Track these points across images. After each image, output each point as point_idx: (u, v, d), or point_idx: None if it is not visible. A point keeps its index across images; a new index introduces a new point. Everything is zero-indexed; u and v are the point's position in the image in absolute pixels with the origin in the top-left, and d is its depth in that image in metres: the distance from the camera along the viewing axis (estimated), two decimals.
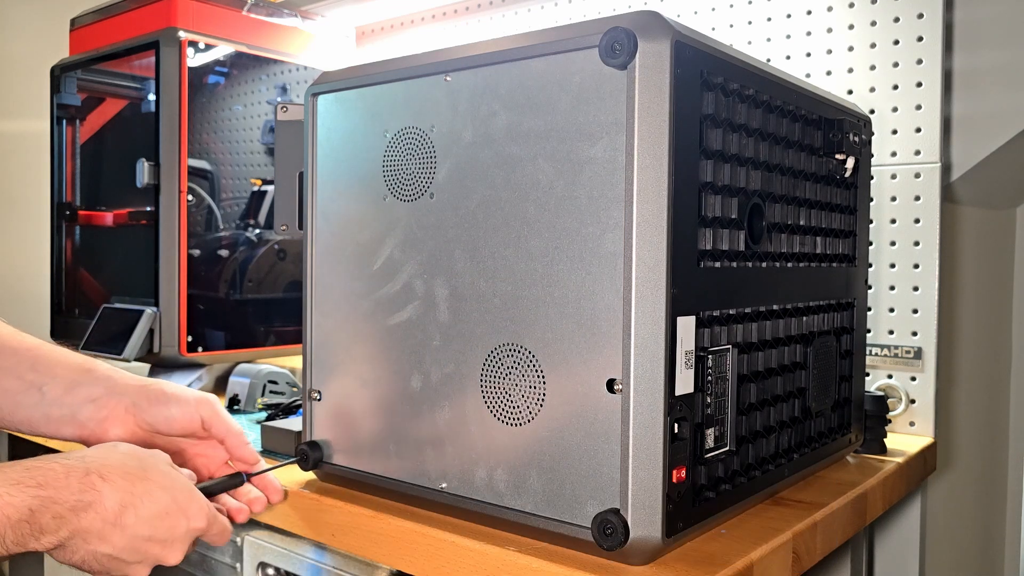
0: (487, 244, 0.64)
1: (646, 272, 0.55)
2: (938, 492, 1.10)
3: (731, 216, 0.63)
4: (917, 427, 0.98)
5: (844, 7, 1.02)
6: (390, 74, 0.70)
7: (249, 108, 1.28)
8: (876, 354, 1.00)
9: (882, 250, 1.00)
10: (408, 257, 0.69)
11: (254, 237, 1.27)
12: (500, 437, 0.63)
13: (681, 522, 0.58)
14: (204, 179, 1.22)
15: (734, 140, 0.62)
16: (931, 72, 0.96)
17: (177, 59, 1.17)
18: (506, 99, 0.62)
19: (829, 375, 0.79)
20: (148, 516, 0.58)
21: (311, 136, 0.76)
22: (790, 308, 0.72)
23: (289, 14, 1.33)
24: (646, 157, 0.55)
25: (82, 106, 1.37)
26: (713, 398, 0.61)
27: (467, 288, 0.65)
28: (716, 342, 0.61)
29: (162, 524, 0.58)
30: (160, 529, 0.58)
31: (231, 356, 1.24)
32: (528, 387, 0.61)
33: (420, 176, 0.68)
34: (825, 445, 0.79)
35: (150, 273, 1.18)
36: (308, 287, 0.77)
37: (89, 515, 0.55)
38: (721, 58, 0.61)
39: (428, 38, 1.46)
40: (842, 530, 0.73)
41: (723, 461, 0.63)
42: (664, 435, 0.56)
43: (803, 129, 0.73)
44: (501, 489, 0.63)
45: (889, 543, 1.06)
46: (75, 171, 1.37)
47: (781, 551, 0.63)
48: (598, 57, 0.56)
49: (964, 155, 1.02)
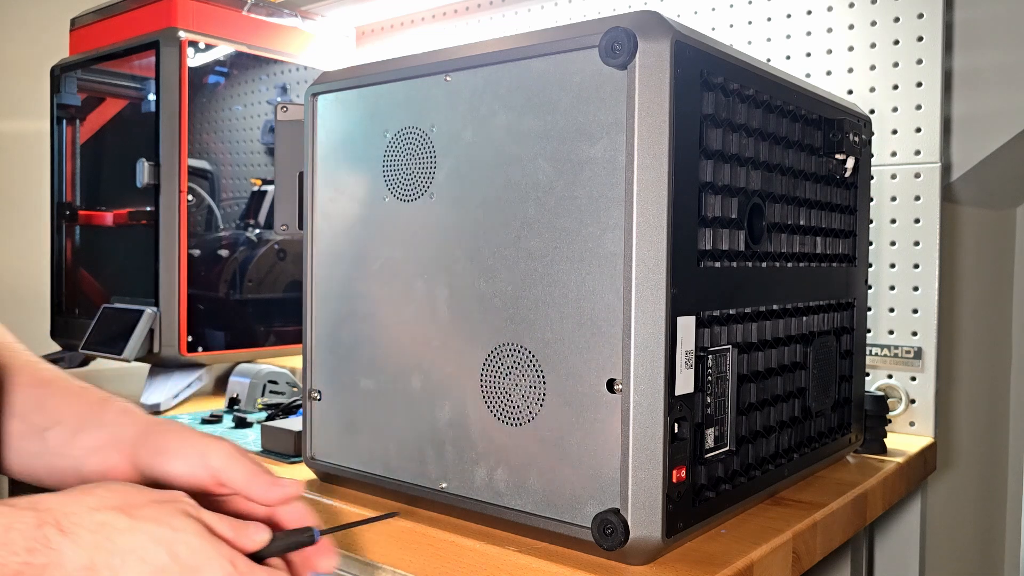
0: (487, 244, 0.64)
1: (646, 272, 0.55)
2: (938, 492, 1.10)
3: (731, 216, 0.63)
4: (917, 427, 0.98)
5: (844, 7, 1.02)
6: (390, 74, 0.70)
7: (249, 108, 1.28)
8: (876, 354, 1.00)
9: (882, 250, 1.00)
10: (408, 257, 0.69)
11: (254, 237, 1.27)
12: (500, 437, 0.63)
13: (681, 522, 0.58)
14: (204, 179, 1.22)
15: (734, 140, 0.62)
16: (931, 72, 0.96)
17: (177, 59, 1.17)
18: (506, 99, 0.62)
19: (829, 375, 0.79)
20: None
21: (311, 136, 0.76)
22: (790, 308, 0.72)
23: (289, 14, 1.33)
24: (646, 157, 0.55)
25: (82, 106, 1.37)
26: (713, 398, 0.61)
27: (467, 288, 0.65)
28: (716, 342, 0.61)
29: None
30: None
31: (231, 356, 1.24)
32: (528, 387, 0.61)
33: (420, 176, 0.68)
34: (825, 445, 0.79)
35: (150, 273, 1.18)
36: (308, 287, 0.77)
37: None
38: (721, 58, 0.61)
39: (428, 38, 1.46)
40: (842, 530, 0.73)
41: (723, 461, 0.63)
42: (664, 435, 0.56)
43: (803, 129, 0.73)
44: (501, 489, 0.63)
45: (889, 543, 1.06)
46: (75, 171, 1.37)
47: (781, 551, 0.63)
48: (598, 57, 0.56)
49: (964, 155, 1.02)
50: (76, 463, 0.58)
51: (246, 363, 1.17)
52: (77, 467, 0.58)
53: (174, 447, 0.55)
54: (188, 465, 0.54)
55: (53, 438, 0.59)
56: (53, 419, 0.60)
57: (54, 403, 0.61)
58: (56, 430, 0.59)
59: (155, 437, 0.56)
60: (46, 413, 0.60)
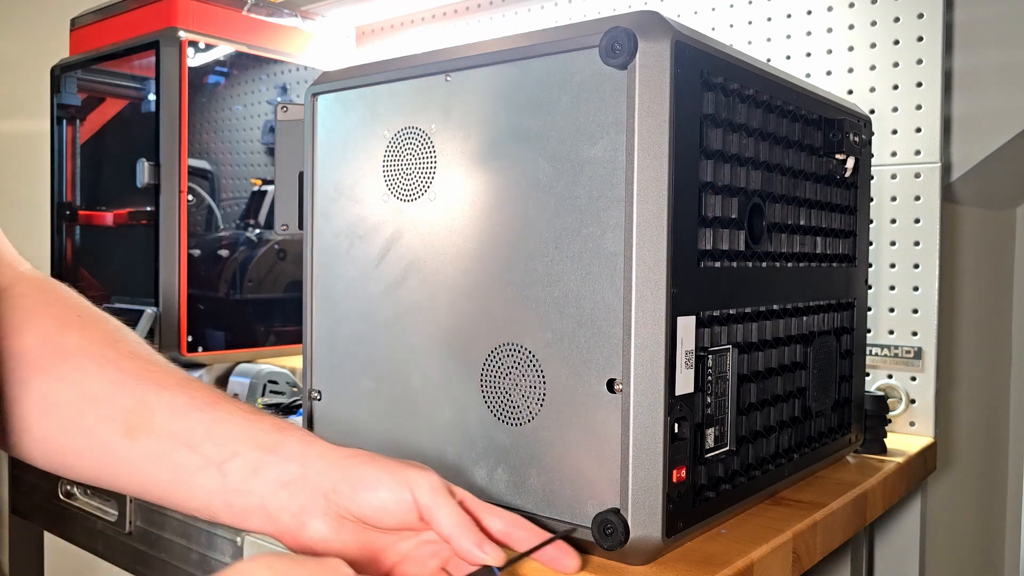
0: (487, 244, 0.64)
1: (646, 272, 0.55)
2: (938, 492, 1.10)
3: (731, 216, 0.63)
4: (917, 427, 0.98)
5: (844, 7, 1.02)
6: (390, 74, 0.70)
7: (249, 108, 1.28)
8: (876, 354, 1.00)
9: (882, 250, 1.00)
10: (408, 257, 0.69)
11: (254, 237, 1.27)
12: (500, 437, 0.63)
13: (681, 522, 0.58)
14: (204, 179, 1.22)
15: (734, 140, 0.62)
16: (931, 72, 0.96)
17: (177, 59, 1.17)
18: (506, 99, 0.62)
19: (829, 375, 0.79)
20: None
21: (311, 136, 0.76)
22: (790, 308, 0.72)
23: (289, 14, 1.33)
24: (646, 157, 0.55)
25: (82, 106, 1.37)
26: (713, 398, 0.61)
27: (467, 288, 0.65)
28: (716, 342, 0.61)
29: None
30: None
31: (231, 356, 1.24)
32: (528, 387, 0.61)
33: (420, 176, 0.68)
34: (825, 445, 0.79)
35: (150, 273, 1.18)
36: (308, 287, 0.77)
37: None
38: (721, 58, 0.61)
39: (428, 38, 1.46)
40: (842, 530, 0.73)
41: (723, 461, 0.63)
42: (664, 435, 0.56)
43: (803, 129, 0.73)
44: (501, 489, 0.63)
45: (889, 543, 1.06)
46: (75, 171, 1.37)
47: (781, 551, 0.63)
48: (598, 57, 0.56)
49: (964, 155, 1.02)
50: (261, 500, 0.52)
51: (246, 363, 1.17)
52: (262, 504, 0.52)
53: (377, 477, 0.51)
54: (394, 497, 0.51)
55: (233, 472, 0.53)
56: (228, 450, 0.53)
57: (226, 431, 0.54)
58: (234, 462, 0.53)
59: (355, 467, 0.52)
60: (218, 442, 0.53)
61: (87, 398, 0.55)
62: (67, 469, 0.56)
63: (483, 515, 0.53)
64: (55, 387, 0.55)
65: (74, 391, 0.55)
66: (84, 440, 0.55)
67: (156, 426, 0.54)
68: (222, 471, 0.52)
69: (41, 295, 0.59)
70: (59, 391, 0.55)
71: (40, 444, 0.56)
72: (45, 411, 0.55)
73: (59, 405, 0.55)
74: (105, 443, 0.54)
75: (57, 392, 0.55)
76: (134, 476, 0.55)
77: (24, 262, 0.62)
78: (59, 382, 0.55)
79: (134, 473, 0.54)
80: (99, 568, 1.29)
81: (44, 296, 0.59)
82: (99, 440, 0.54)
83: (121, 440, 0.54)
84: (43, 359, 0.56)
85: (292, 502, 0.52)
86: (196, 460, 0.53)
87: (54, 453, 0.56)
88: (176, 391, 0.55)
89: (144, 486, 0.55)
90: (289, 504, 0.52)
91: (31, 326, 0.56)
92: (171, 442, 0.53)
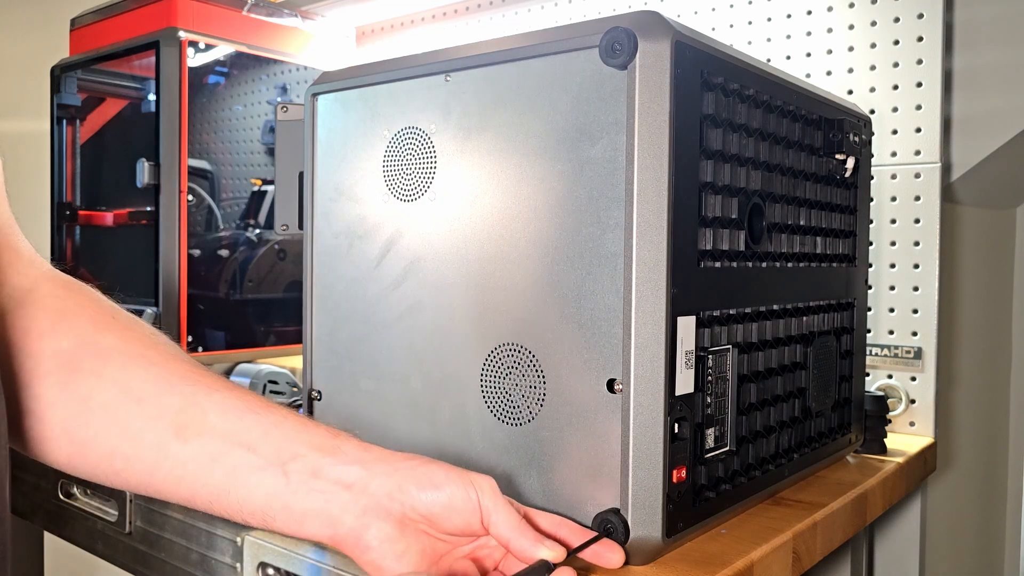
0: (487, 244, 0.64)
1: (646, 272, 0.55)
2: (938, 492, 1.10)
3: (731, 216, 0.63)
4: (917, 427, 0.98)
5: (844, 7, 1.02)
6: (390, 74, 0.70)
7: (249, 108, 1.28)
8: (876, 354, 1.00)
9: (882, 250, 1.00)
10: (408, 257, 0.69)
11: (254, 237, 1.27)
12: (500, 437, 0.63)
13: (681, 522, 0.58)
14: (204, 179, 1.22)
15: (734, 140, 0.62)
16: (931, 72, 0.96)
17: (177, 59, 1.17)
18: (506, 99, 0.62)
19: (829, 375, 0.79)
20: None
21: (311, 136, 0.76)
22: (790, 308, 0.72)
23: (289, 14, 1.33)
24: (646, 157, 0.55)
25: (82, 106, 1.37)
26: (713, 398, 0.61)
27: (467, 288, 0.65)
28: (716, 342, 0.61)
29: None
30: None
31: (231, 356, 1.24)
32: (528, 387, 0.61)
33: (420, 176, 0.68)
34: (825, 445, 0.79)
35: (150, 273, 1.18)
36: (308, 287, 0.77)
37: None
38: (721, 58, 0.61)
39: (428, 38, 1.46)
40: (842, 530, 0.73)
41: (723, 461, 0.63)
42: (664, 435, 0.56)
43: (803, 129, 0.73)
44: (501, 489, 0.63)
45: (889, 543, 1.06)
46: (75, 171, 1.37)
47: (781, 551, 0.63)
48: (598, 57, 0.56)
49: (964, 155, 1.02)
50: (323, 502, 0.51)
51: (246, 363, 1.17)
52: (324, 506, 0.51)
53: (445, 475, 0.52)
54: (462, 495, 0.51)
55: (296, 473, 0.51)
56: (290, 452, 0.51)
57: (283, 433, 0.52)
58: (295, 464, 0.51)
59: (419, 468, 0.52)
60: (277, 444, 0.52)
61: (133, 398, 0.52)
62: (113, 475, 0.53)
63: (532, 516, 0.55)
64: (97, 388, 0.53)
65: (118, 392, 0.53)
66: (131, 442, 0.52)
67: (209, 426, 0.52)
68: (285, 472, 0.51)
69: (71, 296, 0.56)
70: (102, 392, 0.52)
71: (80, 448, 0.53)
72: (86, 413, 0.52)
73: (103, 407, 0.52)
74: (155, 445, 0.52)
75: (100, 393, 0.52)
76: (184, 479, 0.52)
77: (44, 262, 0.59)
78: (101, 383, 0.53)
79: (185, 476, 0.52)
80: (99, 568, 1.29)
81: (75, 297, 0.56)
82: (148, 442, 0.52)
83: (173, 442, 0.51)
84: (83, 361, 0.53)
85: (355, 504, 0.51)
86: (255, 461, 0.51)
87: (97, 457, 0.53)
88: (226, 393, 0.54)
89: (193, 490, 0.52)
90: (352, 505, 0.50)
91: (64, 328, 0.54)
92: (226, 443, 0.51)
